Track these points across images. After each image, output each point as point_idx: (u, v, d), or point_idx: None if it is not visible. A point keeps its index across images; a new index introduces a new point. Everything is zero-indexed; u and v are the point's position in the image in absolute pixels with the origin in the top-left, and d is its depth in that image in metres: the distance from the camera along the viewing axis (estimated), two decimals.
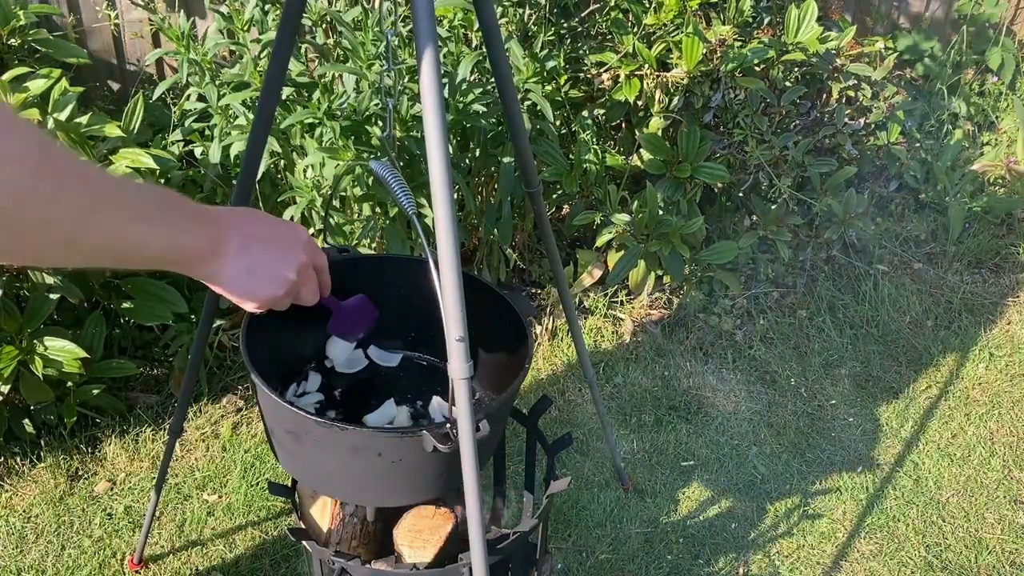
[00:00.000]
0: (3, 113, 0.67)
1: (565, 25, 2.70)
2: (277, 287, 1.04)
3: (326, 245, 1.46)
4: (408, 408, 1.48)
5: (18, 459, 2.29)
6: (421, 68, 1.03)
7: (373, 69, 2.13)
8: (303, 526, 1.50)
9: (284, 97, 2.27)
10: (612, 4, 2.68)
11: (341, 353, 1.52)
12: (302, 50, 2.41)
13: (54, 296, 2.17)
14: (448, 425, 1.15)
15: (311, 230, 2.44)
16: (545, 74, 2.53)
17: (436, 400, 1.49)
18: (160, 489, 1.94)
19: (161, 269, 0.92)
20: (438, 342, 1.14)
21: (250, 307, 1.06)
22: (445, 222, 1.07)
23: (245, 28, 2.26)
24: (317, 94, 2.24)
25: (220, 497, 2.26)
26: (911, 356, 2.86)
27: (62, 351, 2.14)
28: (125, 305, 2.35)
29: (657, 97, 2.67)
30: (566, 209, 2.96)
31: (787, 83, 2.78)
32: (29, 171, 0.67)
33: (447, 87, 2.28)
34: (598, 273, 2.88)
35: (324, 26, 2.35)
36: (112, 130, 2.16)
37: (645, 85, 2.64)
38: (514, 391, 1.35)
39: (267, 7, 2.32)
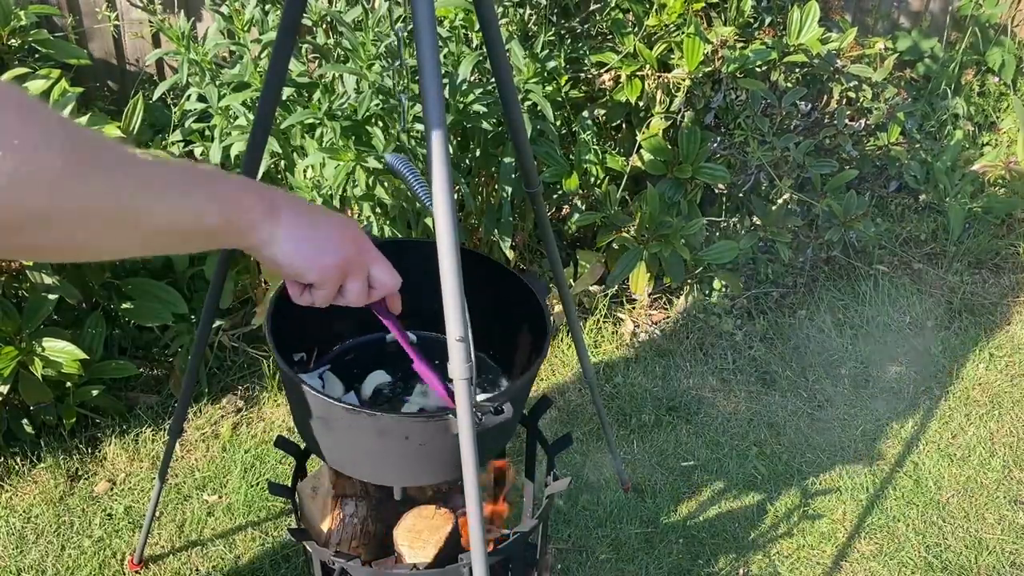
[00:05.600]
0: (15, 97, 0.60)
1: (566, 25, 2.70)
2: (335, 256, 0.95)
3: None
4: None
5: (18, 459, 2.29)
6: (421, 68, 1.03)
7: (373, 69, 2.13)
8: (303, 526, 1.50)
9: (284, 97, 2.27)
10: (613, 4, 2.68)
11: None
12: (302, 50, 2.41)
13: (52, 297, 2.17)
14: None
15: None
16: (546, 74, 2.53)
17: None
18: (160, 489, 1.94)
19: (216, 245, 0.85)
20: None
21: (316, 287, 0.97)
22: (445, 222, 1.07)
23: (245, 28, 2.26)
24: (318, 94, 2.24)
25: (220, 497, 2.26)
26: (911, 356, 2.86)
27: (61, 352, 2.14)
28: (125, 306, 2.35)
29: (658, 98, 2.67)
30: (566, 209, 2.96)
31: (788, 84, 2.78)
32: (58, 158, 0.62)
33: (447, 87, 2.28)
34: (598, 273, 2.88)
35: (324, 26, 2.35)
36: (112, 131, 2.17)
37: (646, 86, 2.64)
38: (532, 376, 1.35)
39: (267, 7, 2.32)
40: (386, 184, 2.30)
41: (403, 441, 1.23)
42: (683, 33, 2.54)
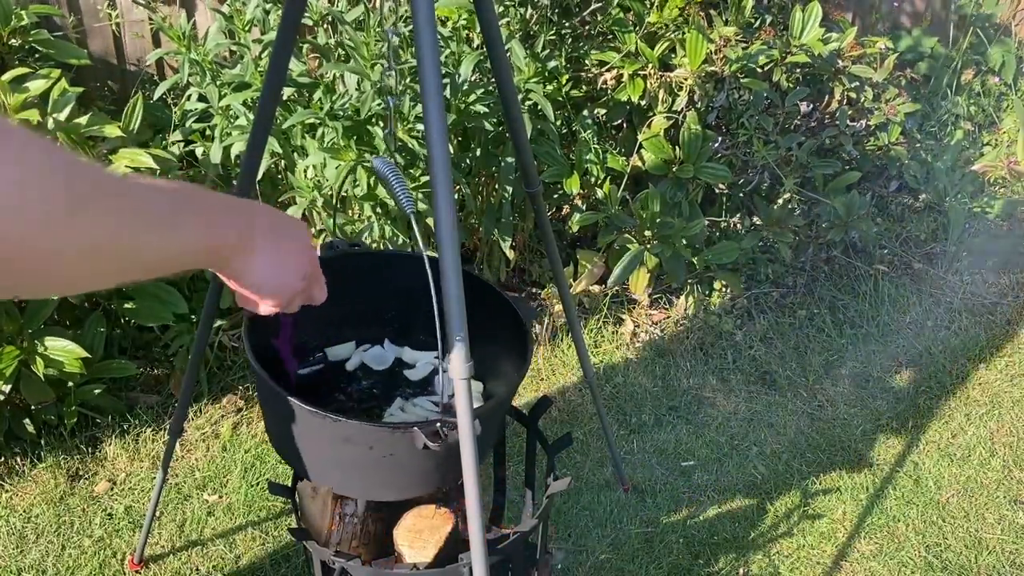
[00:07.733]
0: (12, 135, 0.57)
1: (567, 25, 2.70)
2: (299, 279, 0.98)
3: (333, 238, 1.46)
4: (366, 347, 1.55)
5: (18, 459, 2.29)
6: (421, 68, 1.03)
7: (376, 69, 2.13)
8: (303, 526, 1.50)
9: (285, 97, 2.27)
10: (615, 3, 2.68)
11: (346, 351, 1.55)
12: (303, 50, 2.41)
13: (54, 297, 2.18)
14: (438, 423, 1.16)
15: (312, 230, 2.44)
16: (546, 74, 2.53)
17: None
18: (162, 486, 1.94)
19: (192, 269, 0.86)
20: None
21: (270, 304, 1.00)
22: (445, 222, 1.07)
23: (246, 28, 2.26)
24: (319, 94, 2.24)
25: (220, 497, 2.26)
26: (911, 356, 2.86)
27: (63, 351, 2.14)
28: (126, 305, 2.35)
29: (660, 97, 2.67)
30: (566, 209, 2.97)
31: (789, 84, 2.78)
32: (42, 195, 0.59)
33: (448, 87, 2.29)
34: (598, 273, 2.88)
35: (326, 26, 2.35)
36: (112, 130, 2.17)
37: (648, 85, 2.64)
38: (511, 392, 1.35)
39: (268, 7, 2.32)
40: None
41: (367, 451, 1.22)
42: (684, 31, 2.54)
